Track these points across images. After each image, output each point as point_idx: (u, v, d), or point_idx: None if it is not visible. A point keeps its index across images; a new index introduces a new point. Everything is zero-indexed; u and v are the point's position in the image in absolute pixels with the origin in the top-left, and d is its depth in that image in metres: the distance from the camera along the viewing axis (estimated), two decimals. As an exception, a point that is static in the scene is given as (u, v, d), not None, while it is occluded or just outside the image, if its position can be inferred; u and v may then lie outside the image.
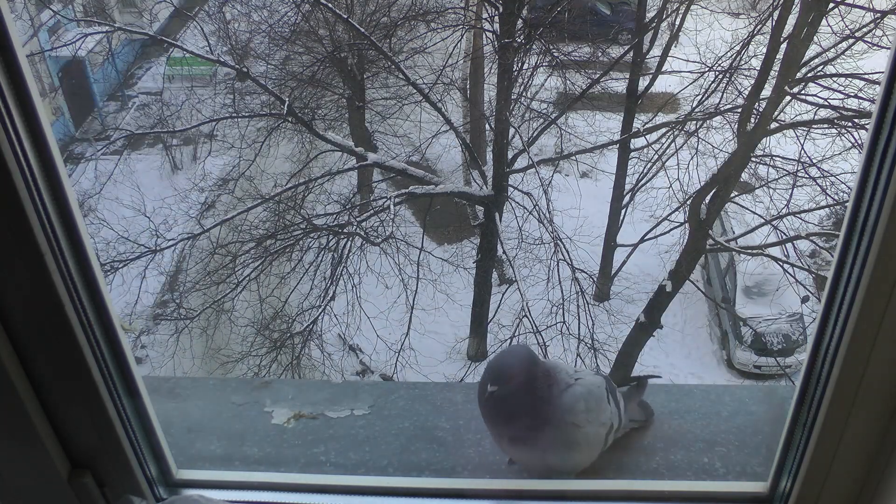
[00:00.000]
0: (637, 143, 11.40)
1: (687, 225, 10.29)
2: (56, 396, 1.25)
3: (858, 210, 1.08)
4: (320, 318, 9.54)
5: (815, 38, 8.85)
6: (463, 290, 11.16)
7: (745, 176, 10.31)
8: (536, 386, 1.66)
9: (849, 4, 8.95)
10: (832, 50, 9.25)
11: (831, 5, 8.72)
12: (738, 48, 10.05)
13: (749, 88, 9.47)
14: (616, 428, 1.76)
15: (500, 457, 1.87)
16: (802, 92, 9.31)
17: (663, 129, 10.80)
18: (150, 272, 9.70)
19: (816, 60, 9.37)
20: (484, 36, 11.12)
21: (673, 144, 10.89)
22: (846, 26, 9.03)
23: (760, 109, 9.12)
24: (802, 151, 9.60)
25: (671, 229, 11.04)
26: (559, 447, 1.71)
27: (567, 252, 9.73)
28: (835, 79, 9.32)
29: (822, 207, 10.01)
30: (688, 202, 10.23)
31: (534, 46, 10.65)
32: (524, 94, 10.78)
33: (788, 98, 9.11)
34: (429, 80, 10.66)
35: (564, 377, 1.71)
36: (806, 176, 9.72)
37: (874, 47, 8.91)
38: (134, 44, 16.55)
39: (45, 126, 1.06)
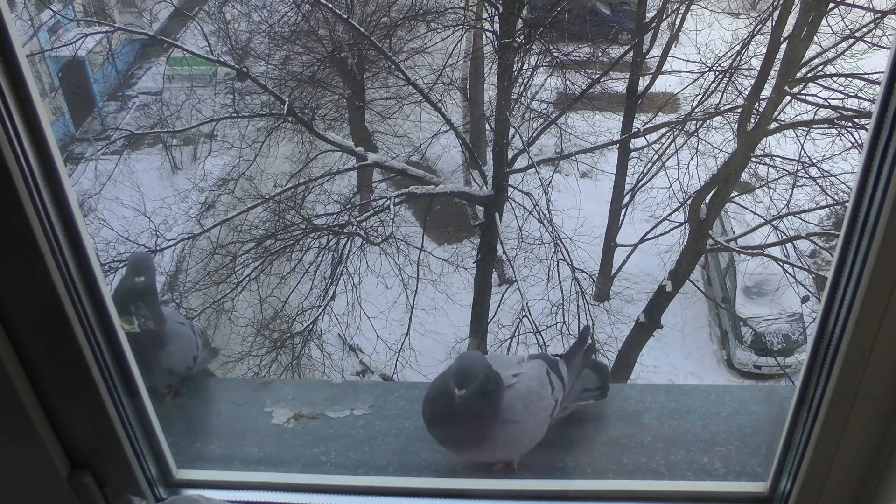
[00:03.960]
0: (637, 143, 11.39)
1: (687, 225, 10.29)
2: (56, 396, 1.25)
3: (858, 210, 1.08)
4: (320, 318, 9.54)
5: (815, 38, 8.85)
6: (463, 290, 11.15)
7: (745, 176, 10.30)
8: (487, 389, 1.72)
9: (849, 4, 8.95)
10: (832, 50, 9.24)
11: (831, 5, 8.72)
12: (738, 48, 10.04)
13: (749, 88, 9.47)
14: (561, 399, 1.81)
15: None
16: (802, 92, 9.30)
17: (663, 129, 10.79)
18: (150, 272, 9.67)
19: (816, 60, 9.36)
20: (484, 36, 11.11)
21: (673, 144, 10.88)
22: (846, 26, 9.03)
23: (760, 109, 9.12)
24: (802, 151, 9.59)
25: (671, 229, 11.04)
26: (500, 442, 1.77)
27: (567, 252, 9.72)
28: (835, 79, 9.32)
29: (822, 207, 10.01)
30: (688, 202, 10.23)
31: (534, 46, 10.64)
32: (524, 94, 10.76)
33: (788, 98, 9.11)
34: (429, 80, 10.65)
35: (506, 377, 1.75)
36: (806, 176, 9.71)
37: (874, 47, 8.90)
38: (134, 44, 16.51)
39: (45, 126, 1.06)
